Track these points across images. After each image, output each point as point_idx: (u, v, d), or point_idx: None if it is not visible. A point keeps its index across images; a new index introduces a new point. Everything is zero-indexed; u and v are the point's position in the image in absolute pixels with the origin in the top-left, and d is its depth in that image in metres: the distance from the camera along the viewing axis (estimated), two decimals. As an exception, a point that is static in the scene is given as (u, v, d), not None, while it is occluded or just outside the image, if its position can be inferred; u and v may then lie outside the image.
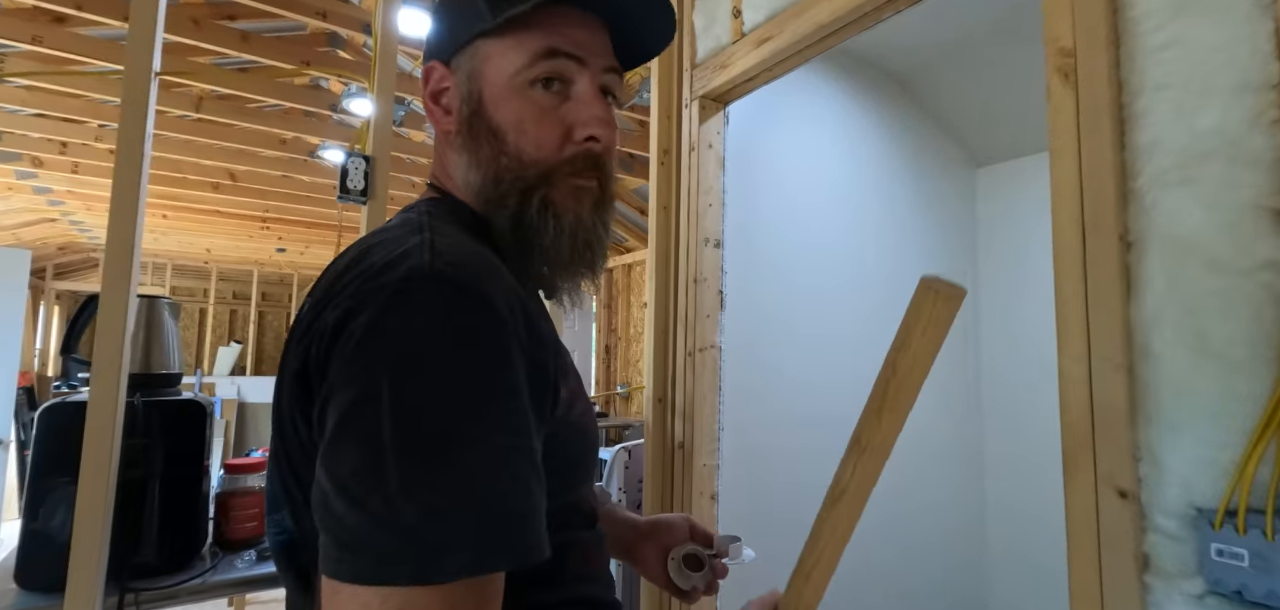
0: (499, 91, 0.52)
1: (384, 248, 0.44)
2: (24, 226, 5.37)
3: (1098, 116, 0.81)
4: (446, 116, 0.55)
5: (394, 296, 0.39)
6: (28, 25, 2.43)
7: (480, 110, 0.53)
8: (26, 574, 1.06)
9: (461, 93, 0.54)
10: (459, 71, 0.54)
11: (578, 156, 0.53)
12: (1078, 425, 0.82)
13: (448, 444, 0.36)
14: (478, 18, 0.52)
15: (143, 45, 1.10)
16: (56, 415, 1.09)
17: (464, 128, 0.54)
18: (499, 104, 0.52)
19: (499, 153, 0.52)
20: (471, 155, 0.54)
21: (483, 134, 0.53)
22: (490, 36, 0.52)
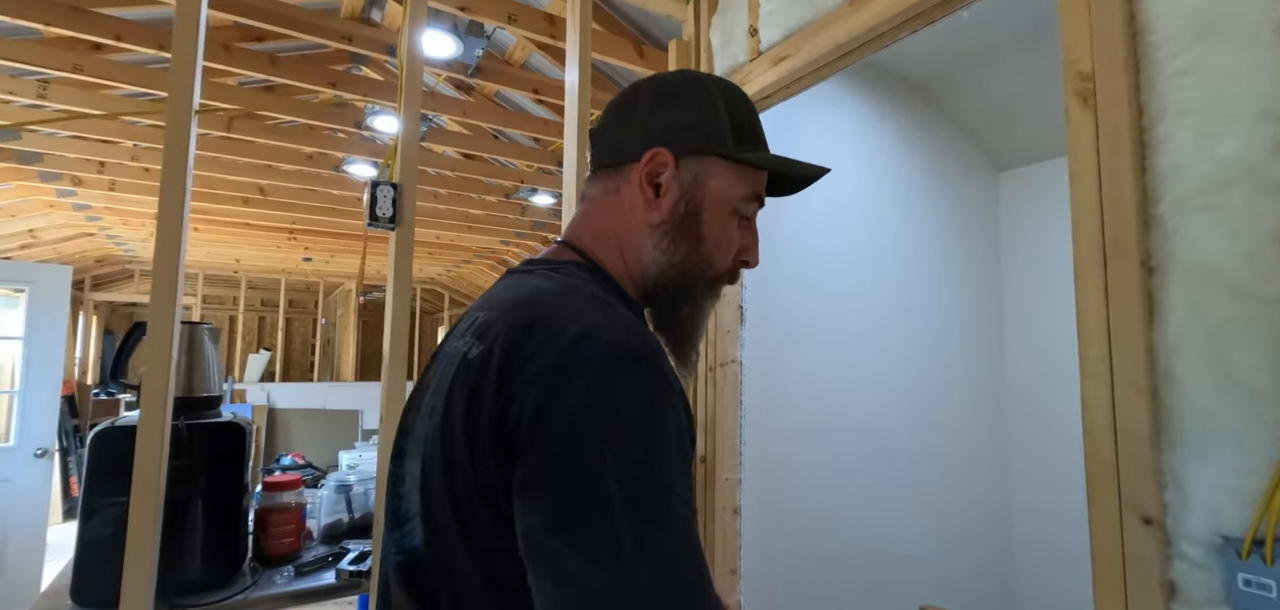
0: (716, 207, 0.60)
1: (571, 314, 0.48)
2: (64, 241, 5.57)
3: (1118, 141, 0.82)
4: (656, 201, 0.59)
5: (602, 371, 0.44)
6: (68, 54, 2.53)
7: (695, 214, 0.59)
8: (82, 591, 1.11)
9: (683, 191, 0.59)
10: (685, 171, 0.59)
11: (734, 269, 0.63)
12: (1101, 450, 0.82)
13: (662, 510, 0.42)
14: (720, 140, 0.59)
15: (184, 85, 1.15)
16: (107, 438, 1.15)
17: (673, 220, 0.59)
18: (711, 217, 0.60)
19: (695, 253, 0.60)
20: (670, 245, 0.59)
21: (689, 233, 0.59)
22: (728, 162, 0.60)
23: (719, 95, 0.61)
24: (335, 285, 8.83)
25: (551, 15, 2.36)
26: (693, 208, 0.59)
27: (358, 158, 3.64)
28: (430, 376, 0.58)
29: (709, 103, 0.60)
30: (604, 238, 0.61)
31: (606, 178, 0.62)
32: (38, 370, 3.35)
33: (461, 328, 0.56)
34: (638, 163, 0.59)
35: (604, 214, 0.62)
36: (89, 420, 6.48)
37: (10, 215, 4.47)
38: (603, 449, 0.41)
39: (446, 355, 0.56)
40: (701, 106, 0.60)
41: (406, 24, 1.44)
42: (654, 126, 0.60)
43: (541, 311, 0.49)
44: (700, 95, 0.61)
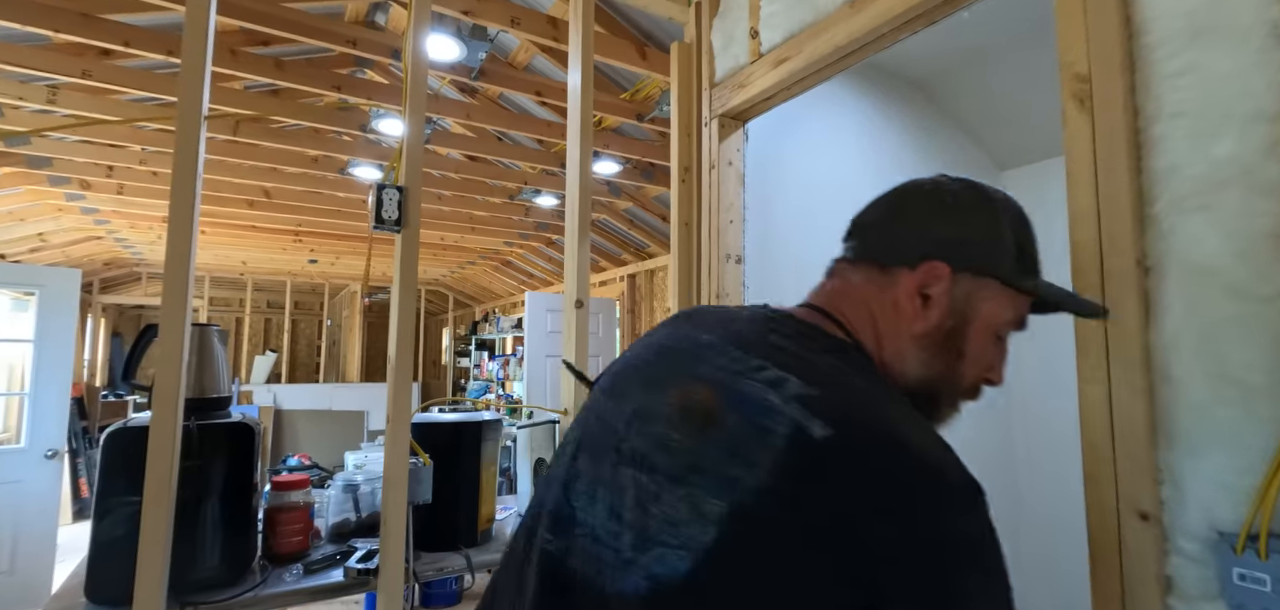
0: (982, 327, 0.59)
1: (908, 428, 0.47)
2: (73, 244, 5.62)
3: (1114, 142, 0.83)
4: (923, 311, 0.58)
5: (960, 509, 0.45)
6: (77, 60, 2.56)
7: (960, 331, 0.59)
8: (96, 588, 1.14)
9: (953, 307, 0.58)
10: (958, 287, 0.58)
11: (976, 389, 0.62)
12: (1098, 446, 0.83)
13: None
14: (1001, 264, 0.59)
15: (193, 92, 1.17)
16: (120, 439, 1.17)
17: (938, 335, 0.58)
18: (976, 336, 0.59)
19: (954, 371, 0.59)
20: (930, 357, 0.59)
21: (951, 350, 0.59)
22: (1004, 286, 0.59)
23: (1005, 215, 0.60)
24: (340, 287, 8.88)
25: (554, 18, 2.38)
26: (959, 324, 0.58)
27: (363, 160, 3.66)
28: (706, 402, 0.51)
29: (994, 222, 0.59)
30: (864, 325, 0.60)
31: (871, 270, 0.61)
32: (48, 372, 3.38)
33: (765, 375, 0.50)
34: (911, 270, 0.59)
35: (867, 303, 0.60)
36: (98, 422, 6.53)
37: (19, 219, 4.51)
38: (968, 586, 0.43)
39: (743, 398, 0.49)
40: (986, 225, 0.59)
41: (411, 28, 1.45)
42: (933, 238, 0.59)
43: (879, 416, 0.48)
44: (986, 213, 0.60)
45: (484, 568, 1.50)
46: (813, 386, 0.48)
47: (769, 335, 0.56)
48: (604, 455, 0.53)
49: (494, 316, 7.99)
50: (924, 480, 0.45)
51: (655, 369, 0.57)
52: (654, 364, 0.58)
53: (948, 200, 0.61)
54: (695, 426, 0.49)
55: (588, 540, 0.50)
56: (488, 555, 1.52)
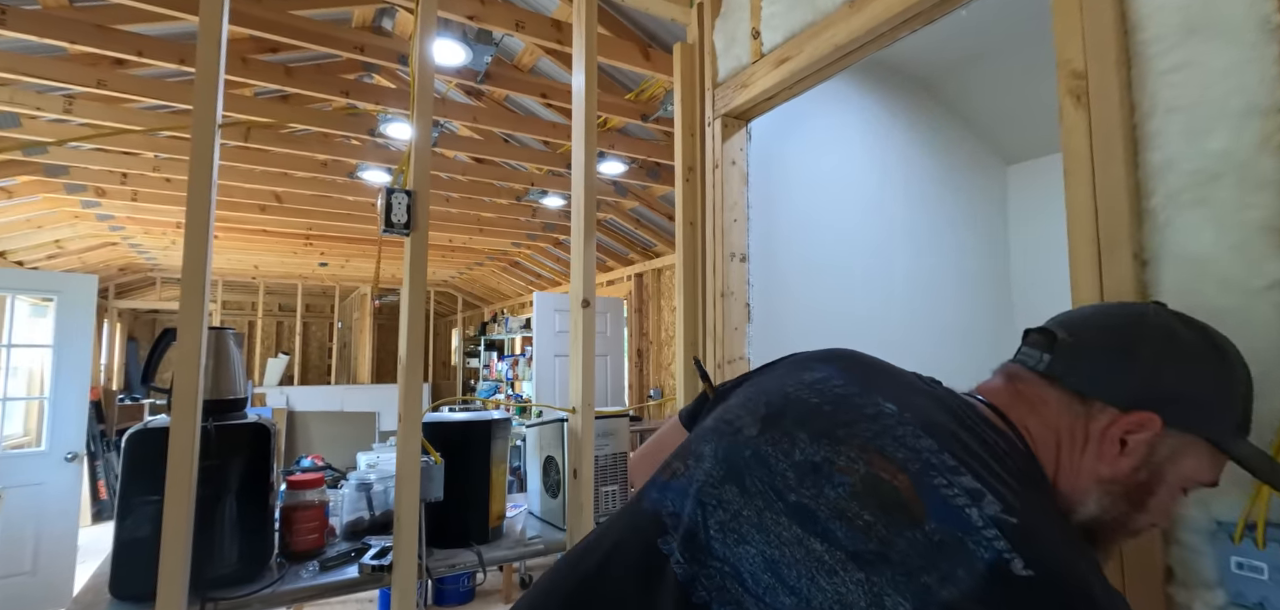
0: (1174, 482, 0.56)
1: (1095, 583, 0.44)
2: (89, 251, 5.72)
3: (1110, 138, 0.84)
4: (1118, 457, 0.55)
5: None
6: (92, 70, 2.61)
7: (1151, 484, 0.55)
8: (120, 585, 1.17)
9: (1152, 458, 0.55)
10: (1165, 443, 0.54)
11: (1143, 532, 0.58)
12: (1097, 439, 0.84)
13: None
14: (1214, 424, 0.55)
15: (207, 102, 1.20)
16: (141, 440, 1.20)
17: (1128, 482, 0.55)
18: (1165, 489, 0.56)
19: (1131, 519, 0.56)
20: (1111, 503, 0.55)
21: (1135, 497, 0.55)
22: (1212, 445, 0.55)
23: (1237, 375, 0.57)
24: (351, 289, 8.96)
25: (558, 21, 2.40)
26: (1152, 478, 0.55)
27: (371, 164, 3.70)
28: (890, 480, 0.48)
29: (1226, 383, 0.56)
30: (1047, 446, 0.56)
31: (1066, 396, 0.57)
32: (67, 376, 3.45)
33: (958, 479, 0.47)
34: (1121, 412, 0.55)
35: (1055, 427, 0.57)
36: (115, 425, 6.64)
37: (37, 226, 4.60)
38: None
39: (933, 495, 0.46)
40: (1218, 387, 0.56)
41: (417, 33, 1.48)
42: (1155, 386, 0.55)
43: (1075, 564, 0.44)
44: (1218, 370, 0.56)
45: (495, 563, 1.52)
46: (1011, 514, 0.45)
47: (958, 429, 0.52)
48: (760, 496, 0.49)
49: (502, 317, 8.04)
50: None
51: (829, 421, 0.53)
52: (827, 414, 0.54)
53: (1183, 352, 0.57)
54: (888, 514, 0.46)
55: (731, 581, 0.46)
56: (499, 552, 1.54)
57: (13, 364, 4.45)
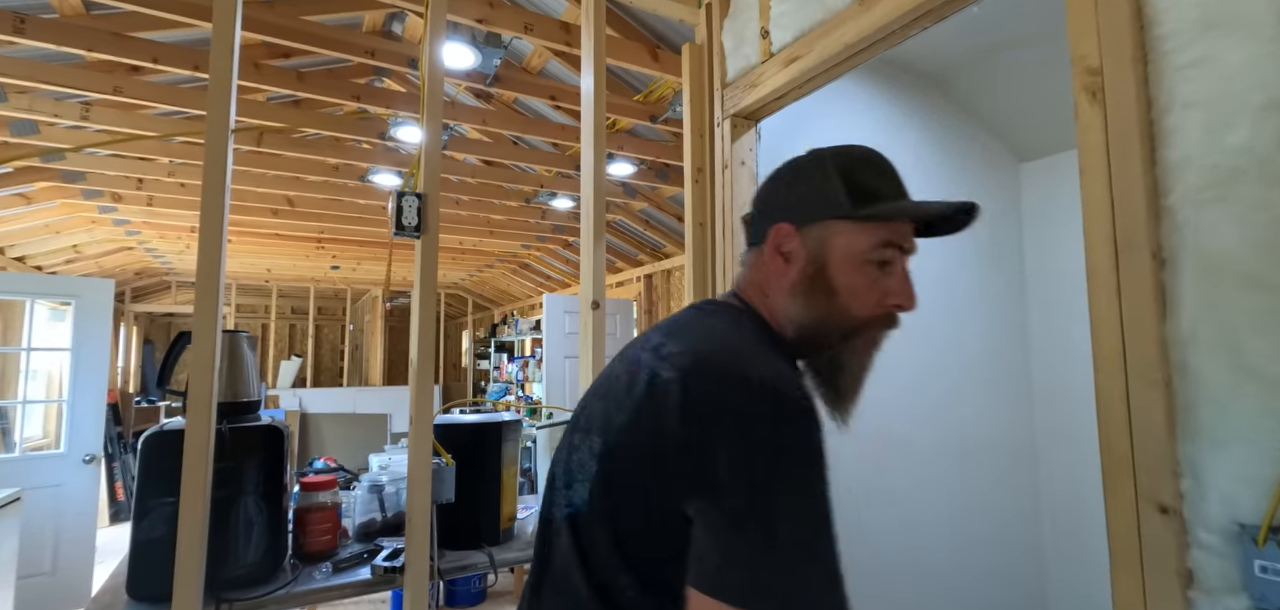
0: (842, 262, 0.66)
1: (748, 361, 0.58)
2: (105, 255, 5.80)
3: (1127, 135, 0.82)
4: (786, 267, 0.69)
5: (782, 421, 0.54)
6: (109, 77, 2.65)
7: (823, 272, 0.67)
8: (137, 586, 1.19)
9: (809, 255, 0.67)
10: (810, 239, 0.67)
11: (885, 317, 0.68)
12: (1116, 441, 0.83)
13: (817, 540, 0.53)
14: (836, 205, 0.66)
15: (220, 108, 1.22)
16: (157, 442, 1.22)
17: (805, 282, 0.67)
18: (839, 271, 0.66)
19: (835, 305, 0.66)
20: (805, 300, 0.67)
21: (820, 289, 0.67)
22: (847, 221, 0.66)
23: (831, 164, 0.69)
24: (362, 292, 9.03)
25: (567, 23, 2.40)
26: (820, 267, 0.67)
27: (382, 167, 3.73)
28: (615, 371, 0.68)
29: (822, 175, 0.68)
30: (756, 294, 0.71)
31: (753, 254, 0.73)
32: (85, 379, 3.50)
33: (649, 344, 0.65)
34: (768, 240, 0.70)
35: (755, 279, 0.72)
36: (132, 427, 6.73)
37: (55, 232, 4.67)
38: (776, 487, 0.52)
39: (630, 360, 0.66)
40: (815, 179, 0.69)
41: (427, 38, 1.49)
42: (779, 206, 0.71)
43: (725, 354, 0.60)
44: (816, 170, 0.69)
45: (506, 565, 1.53)
46: (678, 343, 0.61)
47: (687, 317, 0.69)
48: (571, 432, 0.70)
49: (512, 319, 8.06)
50: (753, 398, 0.55)
51: (610, 364, 0.72)
52: (613, 361, 0.72)
53: (784, 175, 0.72)
54: (600, 392, 0.67)
55: (555, 490, 0.69)
56: (510, 553, 1.55)
57: (32, 367, 4.52)
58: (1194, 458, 0.77)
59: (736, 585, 0.50)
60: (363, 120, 3.26)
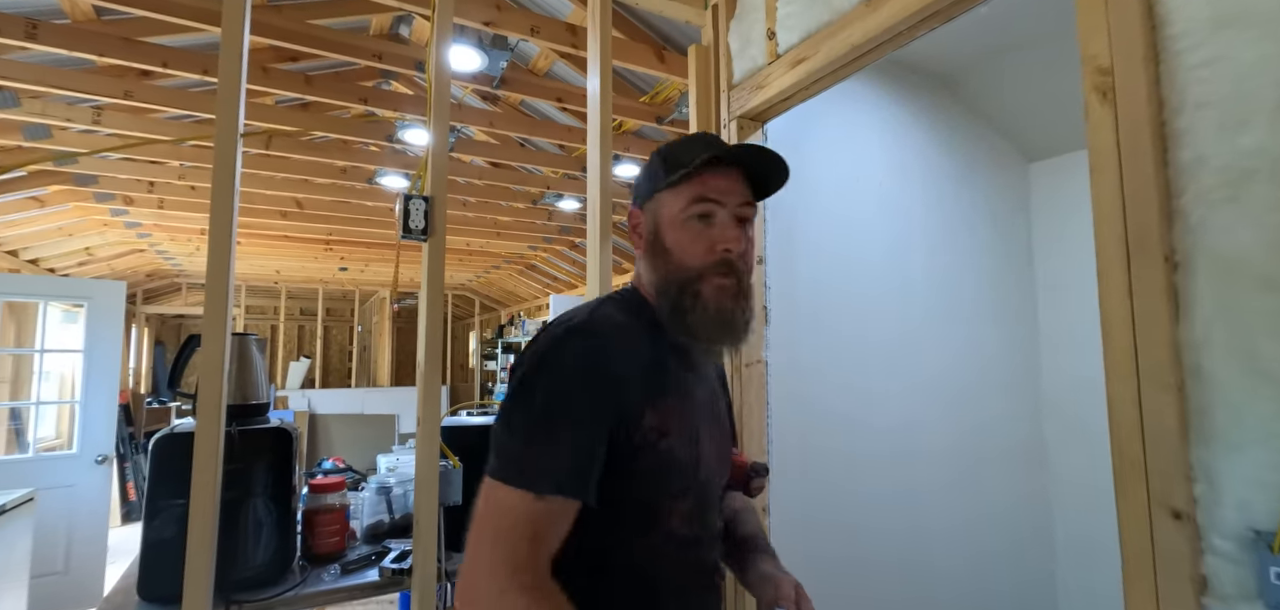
0: (669, 224, 0.79)
1: (572, 315, 0.77)
2: (117, 258, 5.86)
3: (1138, 135, 0.81)
4: (639, 240, 0.84)
5: (550, 341, 0.73)
6: (119, 82, 2.67)
7: (658, 236, 0.81)
8: (147, 587, 1.19)
9: (648, 225, 0.82)
10: (648, 213, 0.83)
11: (717, 263, 0.77)
12: (1128, 446, 0.82)
13: (548, 423, 0.69)
14: (661, 178, 0.80)
15: (229, 111, 1.22)
16: (167, 444, 1.23)
17: (649, 248, 0.82)
18: (668, 232, 0.79)
19: (669, 263, 0.79)
20: (650, 263, 0.82)
21: (659, 251, 0.80)
22: (666, 189, 0.80)
23: (657, 153, 0.83)
24: (370, 293, 9.07)
25: (573, 25, 2.41)
26: (655, 233, 0.81)
27: (389, 169, 3.74)
28: None
29: (653, 160, 0.83)
30: (636, 273, 0.87)
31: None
32: (97, 381, 3.53)
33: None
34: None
35: (637, 262, 0.87)
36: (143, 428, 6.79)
37: (68, 235, 4.72)
38: (532, 385, 0.71)
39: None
40: (651, 165, 0.84)
41: (434, 41, 1.49)
42: (634, 197, 0.87)
43: (565, 316, 0.77)
44: (652, 158, 0.84)
45: (513, 568, 1.53)
46: (562, 318, 0.77)
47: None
48: None
49: (519, 320, 8.07)
50: (541, 335, 0.75)
51: None
52: None
53: (645, 167, 0.86)
54: None
55: None
56: (516, 555, 1.55)
57: (45, 368, 4.57)
58: (1208, 462, 0.76)
59: (490, 464, 0.69)
60: (370, 123, 3.27)
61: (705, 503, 0.82)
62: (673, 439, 0.76)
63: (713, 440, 0.83)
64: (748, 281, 0.81)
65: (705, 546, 0.82)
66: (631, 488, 0.74)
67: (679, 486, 0.78)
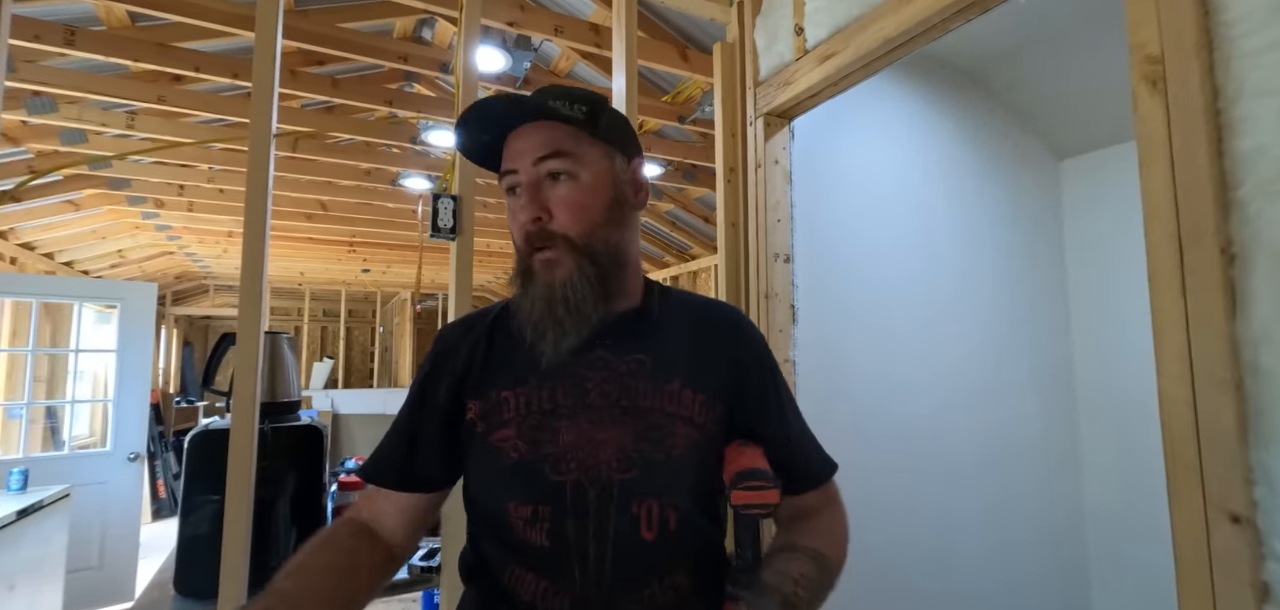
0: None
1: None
2: (148, 260, 5.99)
3: (1191, 126, 0.79)
4: None
5: None
6: (153, 87, 2.73)
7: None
8: (183, 582, 1.21)
9: None
10: None
11: (530, 237, 0.70)
12: (1182, 448, 0.79)
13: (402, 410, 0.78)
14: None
15: (263, 116, 1.24)
16: (203, 441, 1.24)
17: None
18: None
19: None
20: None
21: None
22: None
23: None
24: (391, 294, 9.18)
25: (596, 25, 2.41)
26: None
27: (412, 171, 3.78)
28: None
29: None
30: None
31: None
32: (129, 380, 3.61)
33: None
34: None
35: None
36: (172, 426, 6.93)
37: (102, 237, 4.84)
38: None
39: None
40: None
41: (461, 42, 1.50)
42: None
43: None
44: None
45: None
46: None
47: None
48: None
49: (538, 321, 8.09)
50: None
51: None
52: None
53: None
54: None
55: None
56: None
57: (80, 368, 4.69)
58: (1268, 464, 0.73)
59: None
60: (393, 124, 3.31)
61: (578, 514, 0.67)
62: (508, 433, 0.70)
63: (602, 435, 0.68)
64: (582, 243, 0.69)
65: (581, 573, 0.66)
66: (468, 484, 0.75)
67: (520, 490, 0.68)
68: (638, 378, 0.71)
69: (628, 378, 0.71)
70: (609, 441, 0.68)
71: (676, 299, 0.81)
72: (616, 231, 0.72)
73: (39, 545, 2.57)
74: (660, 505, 0.68)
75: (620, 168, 0.74)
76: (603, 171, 0.71)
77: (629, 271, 0.75)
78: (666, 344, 0.74)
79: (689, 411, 0.71)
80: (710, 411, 0.72)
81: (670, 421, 0.70)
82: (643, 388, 0.71)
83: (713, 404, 0.73)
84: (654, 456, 0.69)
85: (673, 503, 0.68)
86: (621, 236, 0.73)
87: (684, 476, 0.69)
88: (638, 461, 0.68)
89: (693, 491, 0.70)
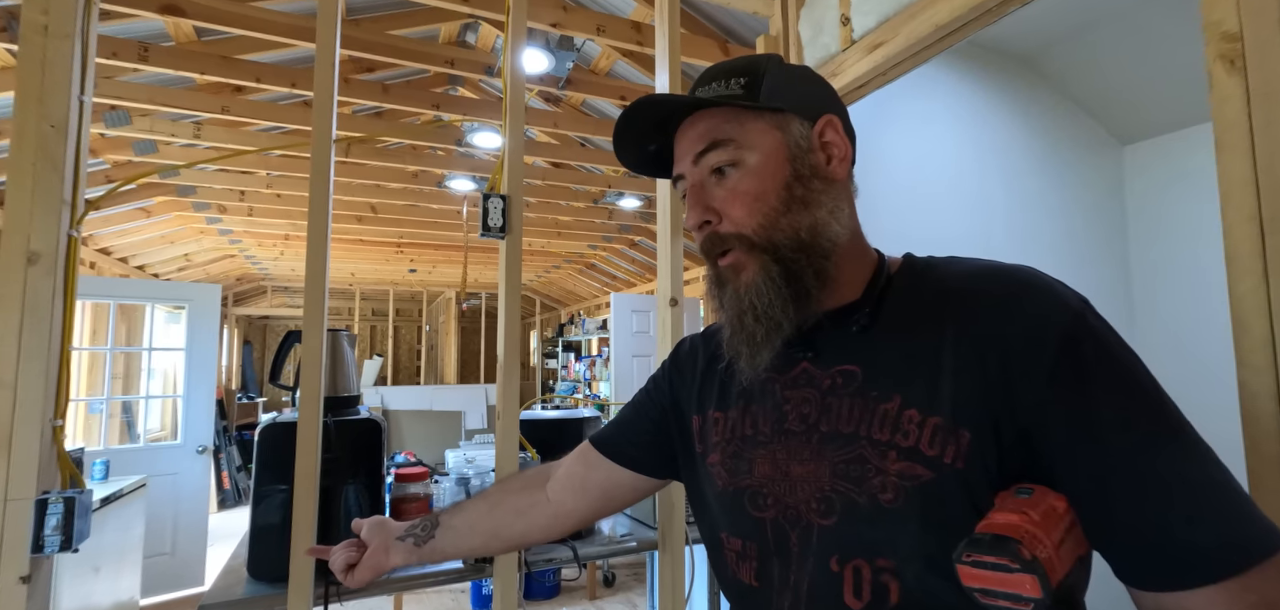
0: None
1: None
2: (211, 263, 6.32)
3: (1273, 105, 0.75)
4: None
5: None
6: (217, 98, 2.88)
7: None
8: (256, 567, 1.28)
9: None
10: None
11: (702, 246, 0.64)
12: (1265, 444, 0.76)
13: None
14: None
15: (324, 122, 1.30)
16: (273, 432, 1.31)
17: None
18: None
19: None
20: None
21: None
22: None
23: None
24: (437, 294, 9.42)
25: (637, 22, 2.42)
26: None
27: (458, 173, 3.88)
28: None
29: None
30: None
31: None
32: (196, 377, 3.82)
33: None
34: None
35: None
36: (234, 421, 7.30)
37: (170, 242, 5.12)
38: None
39: None
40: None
41: (508, 45, 1.53)
42: None
43: None
44: None
45: (591, 559, 1.55)
46: None
47: None
48: None
49: (579, 319, 8.20)
50: None
51: None
52: None
53: None
54: None
55: None
56: (593, 548, 1.57)
57: (151, 366, 4.98)
58: (1362, 462, 0.69)
59: None
60: (439, 128, 3.40)
61: (782, 556, 0.56)
62: (716, 458, 0.64)
63: (797, 470, 0.56)
64: (764, 235, 0.58)
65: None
66: (690, 501, 0.72)
67: (728, 522, 0.61)
68: (840, 396, 0.56)
69: (829, 396, 0.57)
70: (805, 478, 0.55)
71: (935, 276, 0.59)
72: (804, 214, 0.58)
73: (119, 531, 2.75)
74: (872, 569, 0.51)
75: (799, 135, 0.59)
76: (774, 147, 0.58)
77: (839, 256, 0.59)
78: (888, 346, 0.56)
79: (911, 440, 0.51)
80: (952, 440, 0.50)
81: (880, 454, 0.52)
82: (845, 408, 0.55)
83: (956, 429, 0.50)
84: (857, 500, 0.52)
85: (893, 568, 0.50)
86: (814, 218, 0.58)
87: (905, 531, 0.50)
88: (838, 505, 0.53)
89: (928, 557, 0.49)
